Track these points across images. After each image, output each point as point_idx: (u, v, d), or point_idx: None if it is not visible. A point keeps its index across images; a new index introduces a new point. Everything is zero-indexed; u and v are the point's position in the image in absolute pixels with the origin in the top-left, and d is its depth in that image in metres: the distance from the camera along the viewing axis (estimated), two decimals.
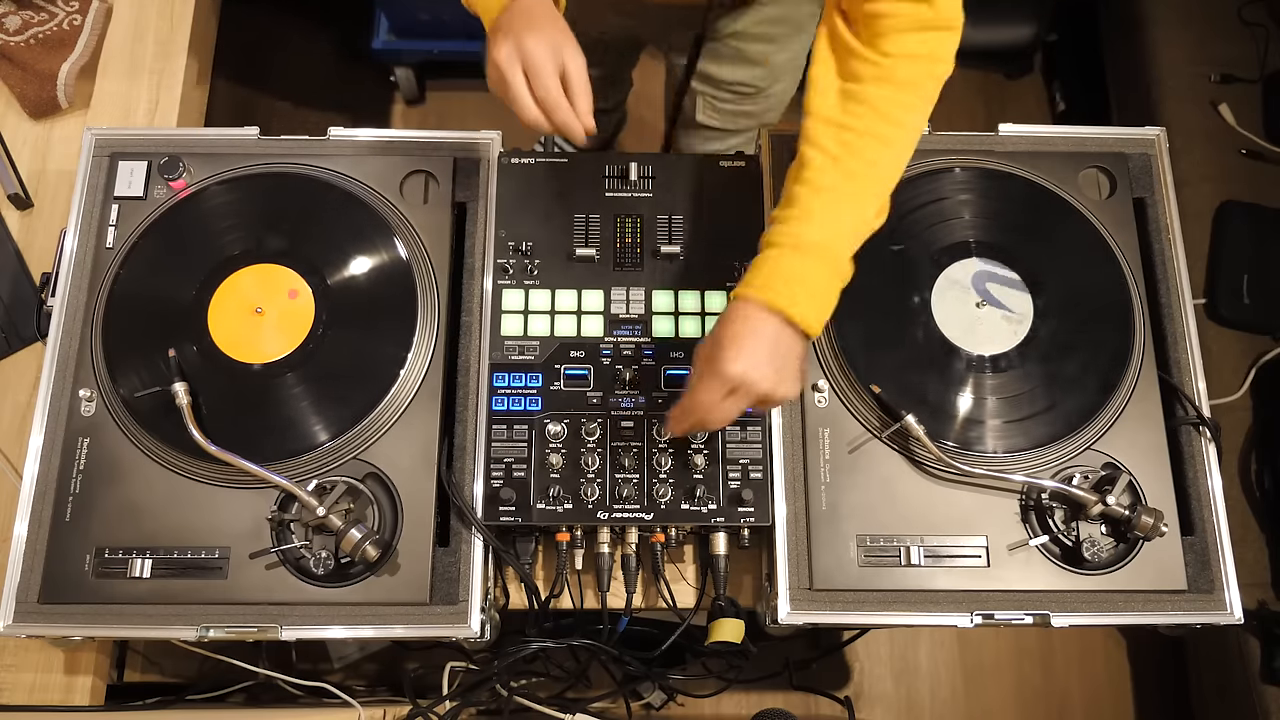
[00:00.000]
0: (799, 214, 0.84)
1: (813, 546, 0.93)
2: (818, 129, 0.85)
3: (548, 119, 0.84)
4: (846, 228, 0.85)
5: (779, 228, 0.85)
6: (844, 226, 0.84)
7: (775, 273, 0.83)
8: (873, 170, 0.85)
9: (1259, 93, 1.84)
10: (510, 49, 0.82)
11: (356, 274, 1.01)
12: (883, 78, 0.84)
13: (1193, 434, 0.99)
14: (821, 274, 0.83)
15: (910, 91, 0.85)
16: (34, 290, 1.16)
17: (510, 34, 0.83)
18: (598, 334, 0.99)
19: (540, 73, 0.82)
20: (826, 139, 0.85)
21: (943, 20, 0.83)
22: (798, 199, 0.85)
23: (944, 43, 0.85)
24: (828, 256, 0.83)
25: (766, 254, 0.85)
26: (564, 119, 0.83)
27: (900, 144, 0.86)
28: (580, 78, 0.84)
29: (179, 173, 1.04)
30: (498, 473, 0.95)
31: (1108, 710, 1.91)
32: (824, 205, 0.84)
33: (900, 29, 0.83)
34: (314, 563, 0.91)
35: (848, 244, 0.85)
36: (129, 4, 1.31)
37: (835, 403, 0.98)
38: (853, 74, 0.85)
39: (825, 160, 0.84)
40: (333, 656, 1.68)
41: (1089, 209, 1.05)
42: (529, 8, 0.85)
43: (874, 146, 0.84)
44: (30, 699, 1.03)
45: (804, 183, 0.85)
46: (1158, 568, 0.93)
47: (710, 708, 1.65)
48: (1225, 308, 1.66)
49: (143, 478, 0.95)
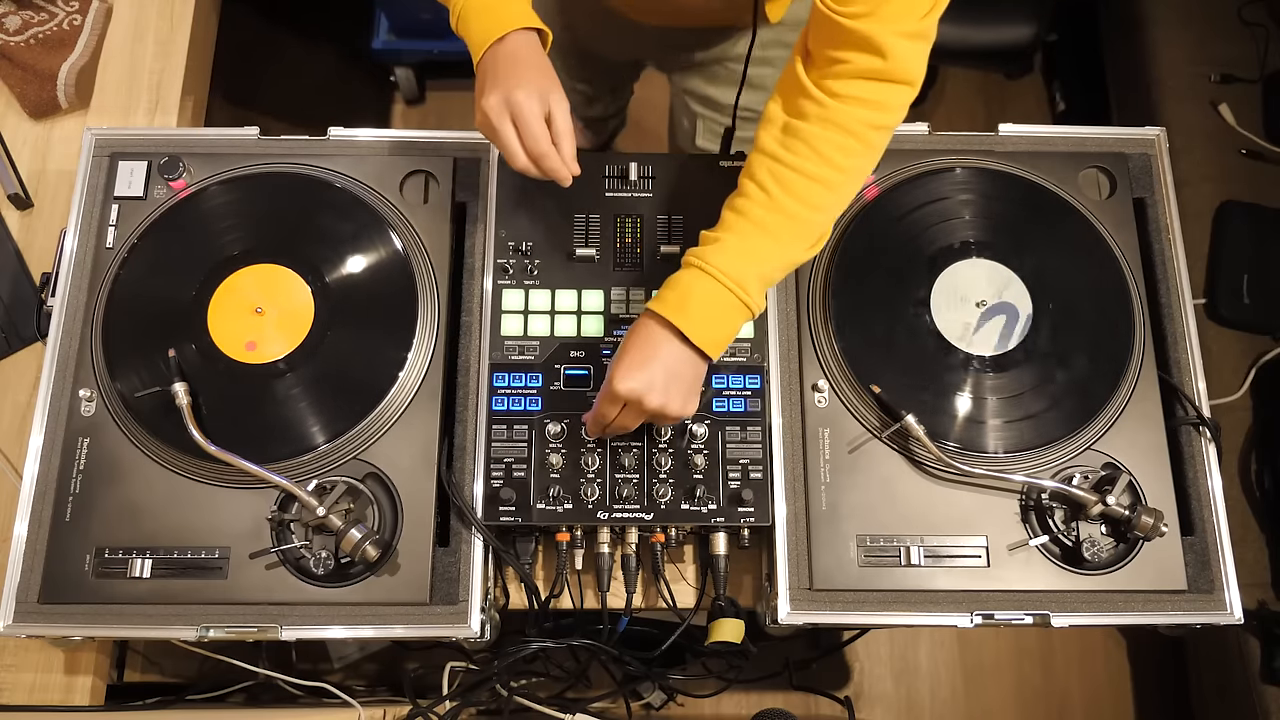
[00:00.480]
0: (719, 239, 0.86)
1: (813, 546, 0.93)
2: (756, 160, 0.87)
3: (536, 166, 0.87)
4: (764, 261, 0.86)
5: (699, 249, 0.87)
6: (761, 260, 0.86)
7: (683, 294, 0.85)
8: (802, 208, 0.86)
9: (1259, 93, 1.84)
10: (499, 100, 0.85)
11: (356, 274, 1.01)
12: (826, 119, 0.85)
13: (1193, 434, 0.99)
14: (725, 302, 0.85)
15: (851, 137, 0.85)
16: (34, 290, 1.16)
17: (498, 83, 0.85)
18: (598, 334, 0.99)
19: (529, 124, 0.85)
20: (762, 172, 0.86)
21: (896, 73, 0.84)
22: (724, 224, 0.87)
23: (895, 95, 0.85)
24: (736, 286, 0.84)
25: (680, 273, 0.87)
26: (552, 166, 0.87)
27: (835, 186, 0.87)
28: (565, 124, 0.87)
29: (179, 173, 1.04)
30: (498, 473, 0.95)
31: (1108, 710, 1.91)
32: (745, 237, 0.86)
33: (851, 75, 0.84)
34: (314, 563, 0.91)
35: (760, 277, 0.86)
36: (129, 4, 1.31)
37: (835, 403, 0.98)
38: (799, 111, 0.86)
39: (757, 192, 0.86)
40: (333, 656, 1.68)
41: (1089, 209, 1.05)
42: (516, 51, 0.87)
43: (806, 185, 0.85)
44: (30, 699, 1.03)
45: (734, 210, 0.87)
46: (1158, 568, 0.93)
47: (710, 708, 1.65)
48: (1225, 308, 1.66)
49: (143, 478, 0.95)
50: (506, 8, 0.89)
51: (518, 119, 0.85)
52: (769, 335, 0.99)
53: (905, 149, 1.07)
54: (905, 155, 1.07)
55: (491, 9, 0.88)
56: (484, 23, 0.88)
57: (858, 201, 1.04)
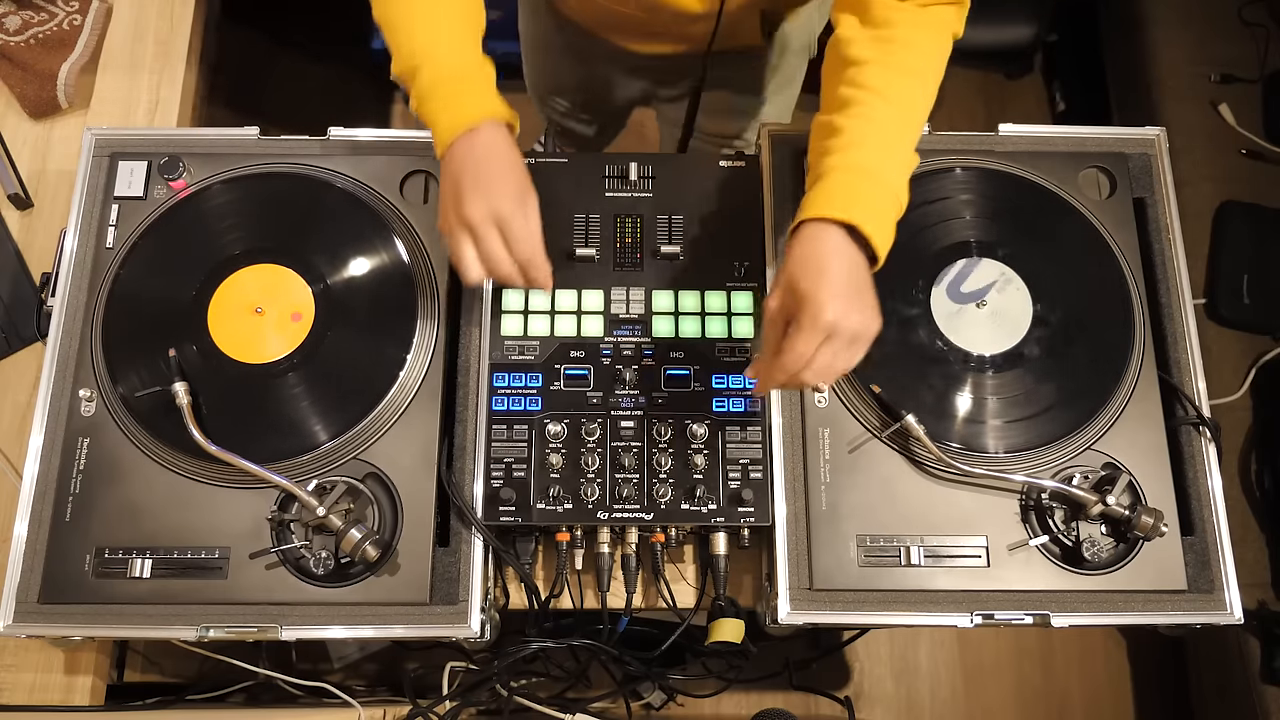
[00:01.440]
0: (849, 142, 0.84)
1: (813, 546, 0.93)
2: (861, 71, 0.86)
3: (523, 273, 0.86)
4: (899, 155, 0.86)
5: (832, 157, 0.84)
6: (897, 154, 0.85)
7: (836, 191, 0.82)
8: (913, 107, 0.87)
9: (1259, 93, 1.84)
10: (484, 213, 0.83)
11: (356, 274, 1.01)
12: (918, 23, 0.87)
13: (1193, 434, 0.99)
14: (882, 196, 0.83)
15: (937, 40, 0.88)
16: (34, 290, 1.16)
17: (478, 191, 0.83)
18: (598, 334, 0.99)
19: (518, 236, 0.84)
20: (870, 77, 0.85)
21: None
22: (844, 129, 0.85)
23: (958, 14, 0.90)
24: (886, 180, 0.83)
25: (825, 180, 0.83)
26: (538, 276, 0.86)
27: (932, 83, 0.89)
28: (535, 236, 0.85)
29: (179, 173, 1.04)
30: (498, 473, 0.95)
31: (1108, 710, 1.91)
32: (876, 133, 0.84)
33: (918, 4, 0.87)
34: (314, 563, 0.91)
35: (902, 171, 0.85)
36: (129, 4, 1.31)
37: (835, 403, 0.98)
38: (884, 21, 0.87)
39: (870, 96, 0.85)
40: (333, 656, 1.68)
41: (1089, 209, 1.05)
42: (490, 149, 0.85)
43: (912, 84, 0.87)
44: (30, 699, 1.03)
45: (852, 116, 0.85)
46: (1158, 568, 0.93)
47: (710, 708, 1.65)
48: (1225, 308, 1.66)
49: (143, 478, 0.95)
50: (476, 95, 0.86)
51: (506, 232, 0.84)
52: None
53: None
54: None
55: (459, 96, 0.86)
56: (451, 112, 0.85)
57: None
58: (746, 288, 1.01)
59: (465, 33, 0.89)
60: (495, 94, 0.88)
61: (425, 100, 0.87)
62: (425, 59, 0.86)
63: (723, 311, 1.00)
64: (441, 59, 0.87)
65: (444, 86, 0.86)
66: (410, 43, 0.87)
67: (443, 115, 0.86)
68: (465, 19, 0.89)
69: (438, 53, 0.87)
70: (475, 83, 0.87)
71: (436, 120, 0.86)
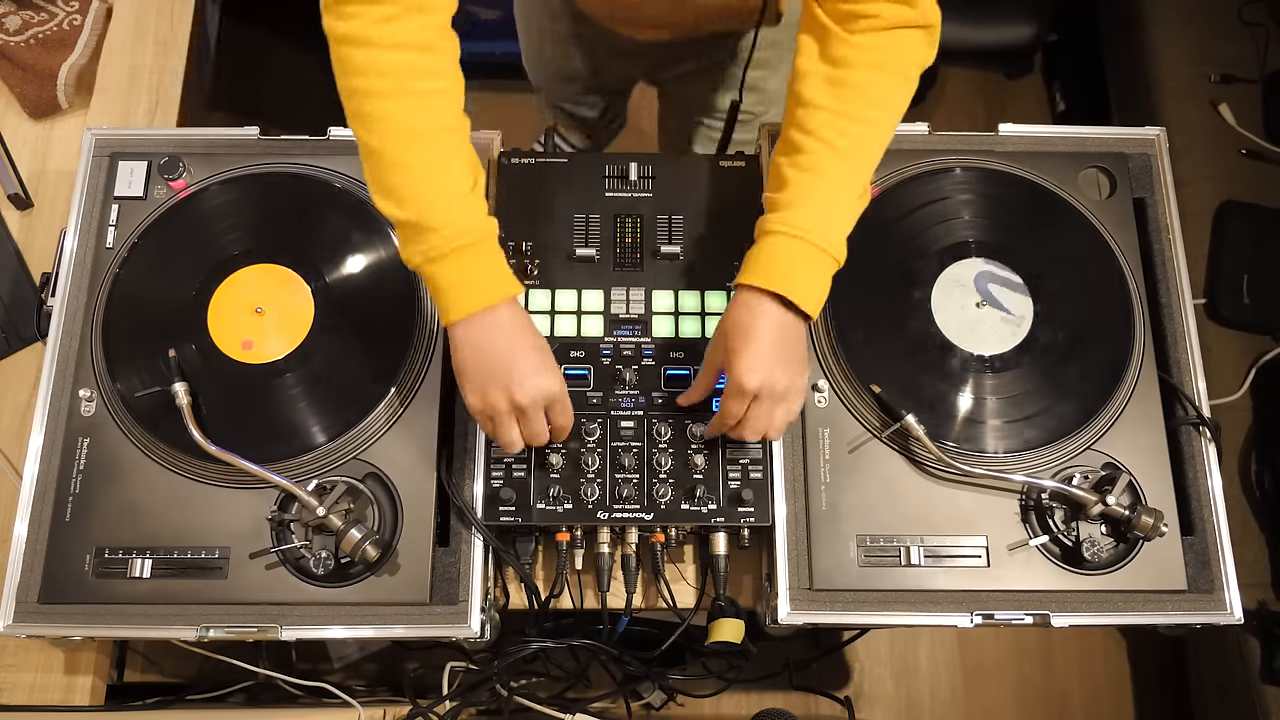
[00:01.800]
0: (793, 199, 0.86)
1: (813, 546, 0.93)
2: (808, 116, 0.86)
3: None
4: (841, 211, 0.87)
5: (776, 215, 0.86)
6: (838, 210, 0.86)
7: (774, 259, 0.85)
8: (865, 154, 0.87)
9: (1259, 93, 1.84)
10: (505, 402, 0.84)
11: (356, 274, 1.01)
12: (875, 65, 0.85)
13: (1193, 434, 0.99)
14: (817, 259, 0.85)
15: (901, 78, 0.87)
16: (34, 290, 1.16)
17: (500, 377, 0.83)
18: (598, 334, 0.99)
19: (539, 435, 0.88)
20: (820, 126, 0.86)
21: (925, 18, 0.86)
22: (790, 182, 0.86)
23: (926, 38, 0.88)
24: (824, 241, 0.85)
25: (764, 242, 0.86)
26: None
27: (888, 126, 0.88)
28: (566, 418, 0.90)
29: (179, 173, 1.04)
30: (498, 473, 0.95)
31: (1108, 710, 1.91)
32: (820, 191, 0.85)
33: (884, 27, 0.85)
34: (314, 563, 0.91)
35: (842, 227, 0.87)
36: (129, 4, 1.31)
37: (835, 403, 0.98)
38: (841, 60, 0.86)
39: (820, 147, 0.85)
40: (333, 656, 1.68)
41: (1089, 209, 1.05)
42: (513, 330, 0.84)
43: (866, 132, 0.86)
44: (30, 699, 1.03)
45: (801, 168, 0.86)
46: (1158, 568, 0.93)
47: (710, 708, 1.64)
48: (1225, 308, 1.66)
49: (143, 478, 0.95)
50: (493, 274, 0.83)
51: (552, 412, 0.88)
52: None
53: (905, 149, 1.07)
54: (905, 155, 1.07)
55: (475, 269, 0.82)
56: (467, 287, 0.82)
57: None
58: None
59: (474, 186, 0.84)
60: (505, 264, 0.85)
61: (437, 264, 0.82)
62: (435, 217, 0.81)
63: (723, 311, 1.00)
64: (455, 221, 0.81)
65: (460, 256, 0.81)
66: (417, 191, 0.81)
67: (458, 289, 0.82)
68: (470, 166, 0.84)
69: (450, 212, 0.81)
70: (489, 254, 0.84)
71: (449, 292, 0.82)
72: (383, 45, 0.80)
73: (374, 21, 0.79)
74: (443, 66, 0.83)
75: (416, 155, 0.81)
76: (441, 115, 0.83)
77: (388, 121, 0.81)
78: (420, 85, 0.81)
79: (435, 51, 0.82)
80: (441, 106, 0.83)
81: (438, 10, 0.82)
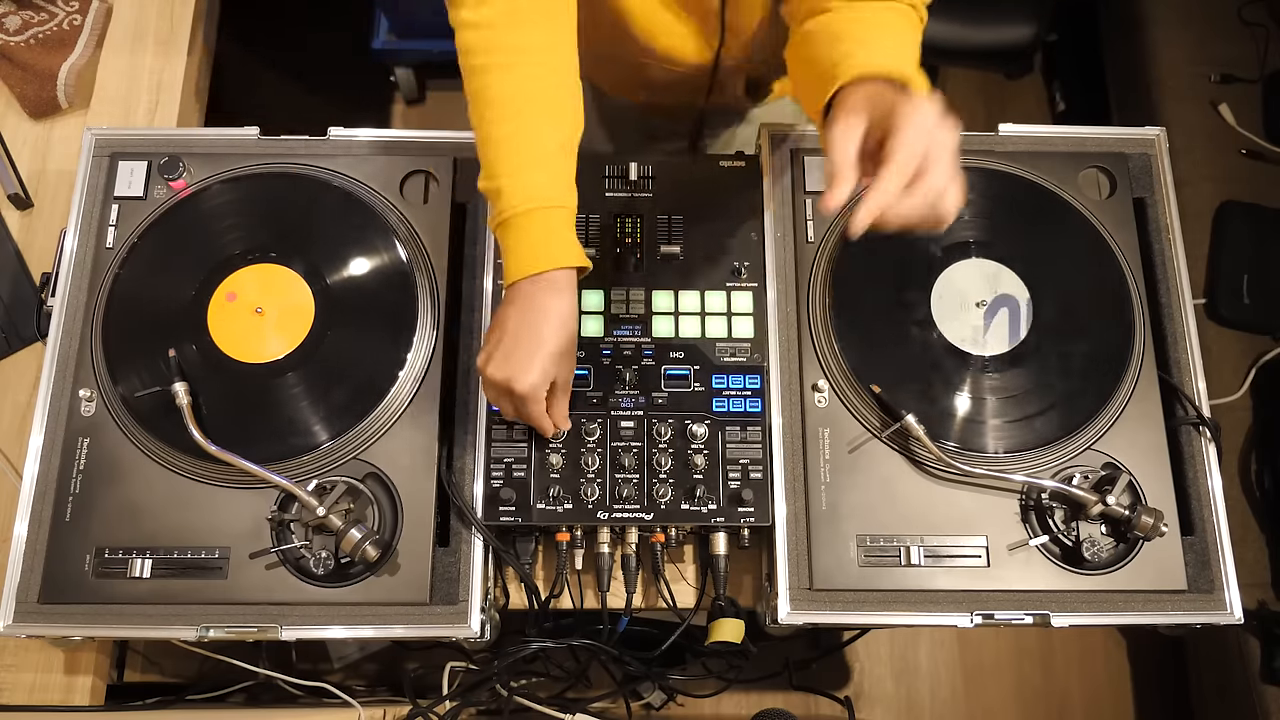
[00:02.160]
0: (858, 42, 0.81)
1: (813, 546, 0.93)
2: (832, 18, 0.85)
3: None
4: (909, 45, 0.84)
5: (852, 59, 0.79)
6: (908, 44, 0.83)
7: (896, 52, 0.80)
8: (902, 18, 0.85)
9: (1259, 93, 1.84)
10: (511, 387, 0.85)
11: (356, 274, 1.01)
12: None
13: (1193, 434, 0.99)
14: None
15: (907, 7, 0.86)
16: (34, 290, 1.16)
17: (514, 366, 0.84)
18: (598, 334, 0.99)
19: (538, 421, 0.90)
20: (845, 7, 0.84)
21: None
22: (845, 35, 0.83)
23: None
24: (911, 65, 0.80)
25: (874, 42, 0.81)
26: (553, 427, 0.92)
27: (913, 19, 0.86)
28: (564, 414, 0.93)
29: (179, 173, 1.04)
30: (498, 473, 0.95)
31: (1108, 710, 1.91)
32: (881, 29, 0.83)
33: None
34: (314, 563, 0.91)
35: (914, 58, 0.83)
36: (129, 4, 1.31)
37: (835, 403, 0.98)
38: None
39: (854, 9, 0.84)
40: (333, 656, 1.68)
41: (1089, 209, 1.05)
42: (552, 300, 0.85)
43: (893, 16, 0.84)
44: (30, 699, 1.03)
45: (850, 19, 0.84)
46: (1158, 568, 0.93)
47: (710, 708, 1.65)
48: (1225, 308, 1.66)
49: (143, 478, 0.95)
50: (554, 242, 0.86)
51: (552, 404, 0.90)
52: (769, 335, 0.99)
53: None
54: None
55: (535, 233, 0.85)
56: (523, 251, 0.85)
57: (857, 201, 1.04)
58: (746, 288, 1.01)
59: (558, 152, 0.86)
60: (569, 234, 0.87)
61: (503, 227, 0.86)
62: (508, 182, 0.85)
63: (723, 311, 1.00)
64: (524, 184, 0.85)
65: (521, 221, 0.85)
66: (497, 160, 0.85)
67: (515, 253, 0.85)
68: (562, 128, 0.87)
69: (522, 175, 0.85)
70: (552, 220, 0.86)
71: (509, 255, 0.86)
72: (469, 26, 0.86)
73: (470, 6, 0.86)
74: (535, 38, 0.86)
75: (497, 126, 0.86)
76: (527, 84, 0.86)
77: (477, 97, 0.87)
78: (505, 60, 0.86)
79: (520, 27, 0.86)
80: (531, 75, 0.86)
81: None
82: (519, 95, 0.86)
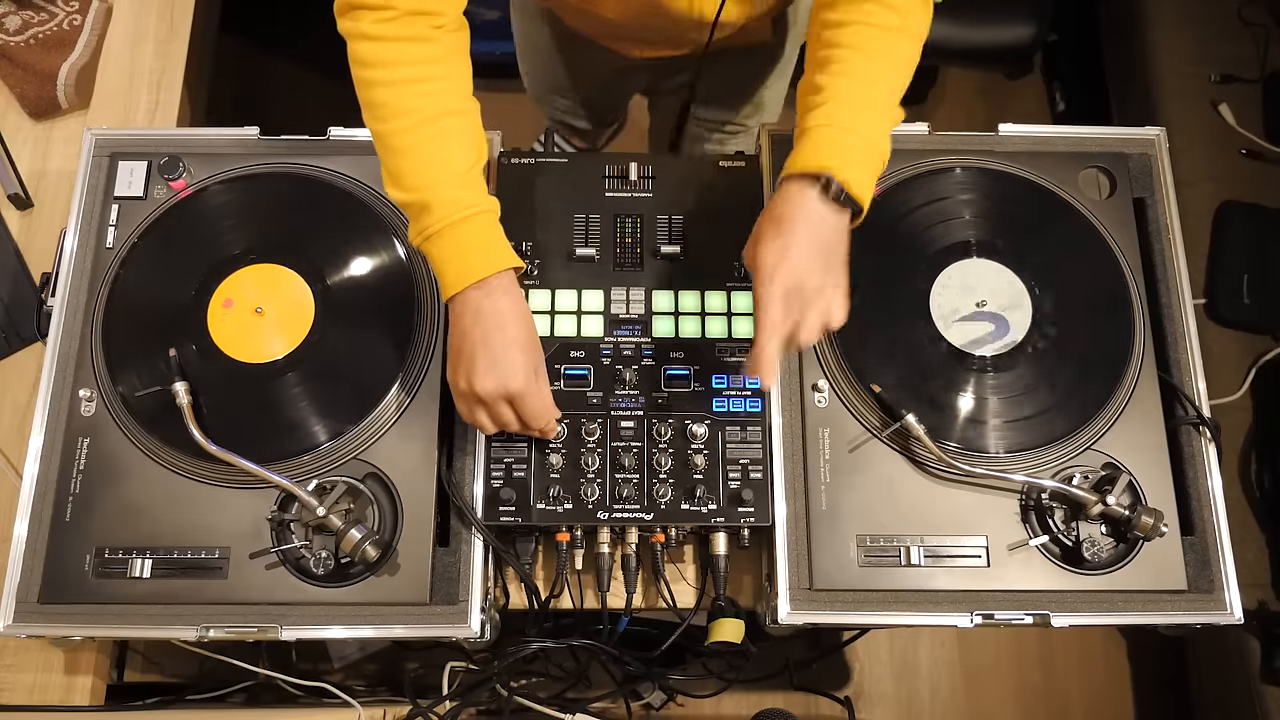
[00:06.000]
0: (829, 98, 0.84)
1: (813, 546, 0.93)
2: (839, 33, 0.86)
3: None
4: (880, 109, 0.86)
5: (813, 114, 0.84)
6: (877, 108, 0.85)
7: (818, 147, 0.83)
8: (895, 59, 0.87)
9: (1259, 93, 1.84)
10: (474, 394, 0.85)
11: (356, 274, 1.01)
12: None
13: (1193, 434, 0.99)
14: (860, 149, 0.83)
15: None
16: (34, 290, 1.16)
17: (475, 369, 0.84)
18: (598, 334, 0.99)
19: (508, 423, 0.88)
20: (849, 36, 0.85)
21: None
22: (824, 87, 0.85)
23: None
24: (864, 134, 0.84)
25: (805, 138, 0.84)
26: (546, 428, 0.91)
27: (915, 37, 0.88)
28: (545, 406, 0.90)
29: (179, 173, 1.04)
30: (498, 473, 0.95)
31: (1108, 711, 1.91)
32: (856, 88, 0.85)
33: None
34: (314, 563, 0.91)
35: (882, 124, 0.85)
36: (129, 4, 1.31)
37: (835, 403, 0.98)
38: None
39: (849, 53, 0.85)
40: (333, 656, 1.68)
41: (1089, 209, 1.05)
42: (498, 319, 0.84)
43: (895, 39, 0.86)
44: (30, 699, 1.03)
45: (832, 74, 0.85)
46: (1158, 568, 0.93)
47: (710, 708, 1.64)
48: (1225, 308, 1.66)
49: (143, 478, 0.95)
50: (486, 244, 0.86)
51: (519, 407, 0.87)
52: None
53: (905, 149, 1.07)
54: (905, 155, 1.07)
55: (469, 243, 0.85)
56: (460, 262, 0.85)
57: None
58: (746, 288, 1.01)
59: (473, 166, 0.86)
60: (502, 239, 0.87)
61: (432, 240, 0.85)
62: (431, 195, 0.84)
63: (723, 311, 1.00)
64: (450, 198, 0.84)
65: (453, 231, 0.84)
66: (415, 173, 0.85)
67: (452, 264, 0.85)
68: (472, 148, 0.87)
69: (445, 190, 0.84)
70: (484, 228, 0.86)
71: (445, 267, 0.85)
72: (383, 39, 0.85)
73: (375, 21, 0.84)
74: (440, 54, 0.86)
75: (414, 139, 0.85)
76: (439, 100, 0.85)
77: (388, 108, 0.85)
78: (417, 73, 0.85)
79: (433, 42, 0.85)
80: (440, 91, 0.86)
81: (436, 13, 0.85)
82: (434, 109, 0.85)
